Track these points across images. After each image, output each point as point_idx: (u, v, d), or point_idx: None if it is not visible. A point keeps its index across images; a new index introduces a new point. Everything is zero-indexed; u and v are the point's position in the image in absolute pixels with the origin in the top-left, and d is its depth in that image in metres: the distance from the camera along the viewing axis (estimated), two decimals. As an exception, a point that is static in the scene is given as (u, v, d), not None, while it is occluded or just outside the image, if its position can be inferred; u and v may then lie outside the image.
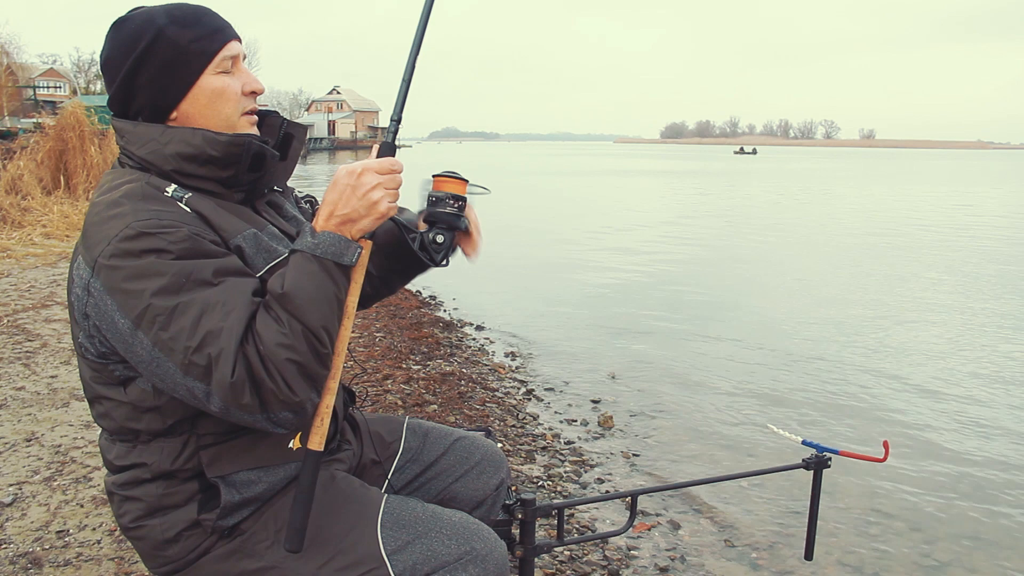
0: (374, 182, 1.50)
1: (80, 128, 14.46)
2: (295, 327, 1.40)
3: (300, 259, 1.46)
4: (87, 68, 79.91)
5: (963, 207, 26.47)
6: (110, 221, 1.44)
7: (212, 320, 1.37)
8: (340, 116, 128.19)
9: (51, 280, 8.58)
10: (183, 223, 1.44)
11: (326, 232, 1.48)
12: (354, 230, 1.50)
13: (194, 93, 1.56)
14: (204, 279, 1.40)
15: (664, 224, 19.81)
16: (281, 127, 1.74)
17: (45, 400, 4.83)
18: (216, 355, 1.36)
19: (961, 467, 4.94)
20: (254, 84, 1.63)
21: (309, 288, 1.43)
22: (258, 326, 1.40)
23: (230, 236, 1.53)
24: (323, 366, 1.46)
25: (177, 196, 1.51)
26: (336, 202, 1.50)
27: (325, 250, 1.46)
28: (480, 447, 2.01)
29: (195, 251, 1.42)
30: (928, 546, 3.98)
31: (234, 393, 1.36)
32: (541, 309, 9.36)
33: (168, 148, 1.53)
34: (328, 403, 1.49)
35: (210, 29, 1.57)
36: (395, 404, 5.23)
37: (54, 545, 3.20)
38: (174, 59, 1.53)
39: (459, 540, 1.62)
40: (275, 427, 1.43)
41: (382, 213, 1.52)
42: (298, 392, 1.40)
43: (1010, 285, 11.37)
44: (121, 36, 1.56)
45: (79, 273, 1.48)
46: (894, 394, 6.33)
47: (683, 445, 5.20)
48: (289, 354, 1.38)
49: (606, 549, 3.66)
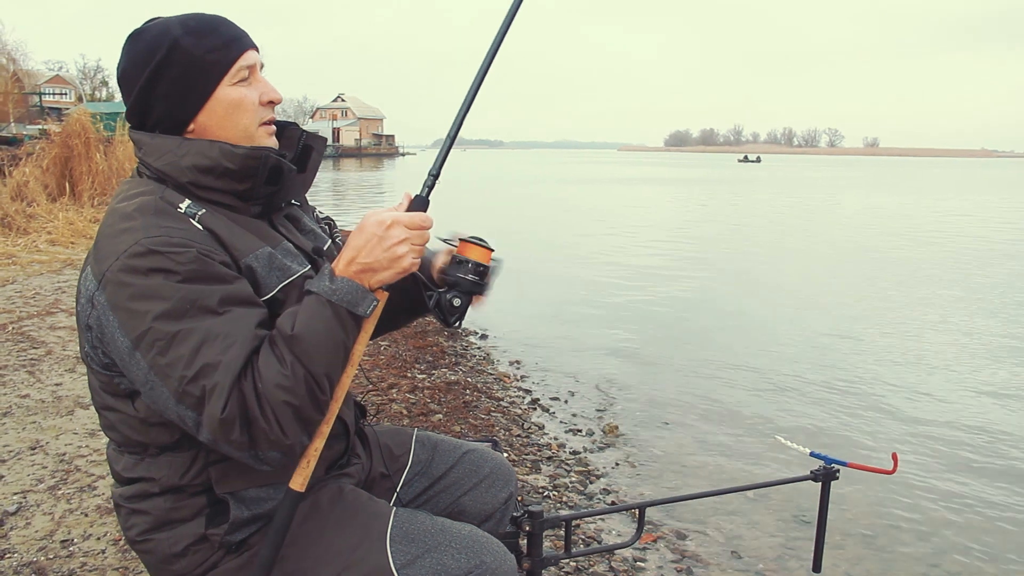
0: (402, 236, 1.49)
1: (86, 135, 14.48)
2: (298, 371, 1.38)
3: (314, 302, 1.44)
4: (93, 75, 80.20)
5: (969, 216, 26.42)
6: (121, 235, 1.43)
7: (211, 352, 1.36)
8: (344, 124, 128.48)
9: (56, 287, 8.58)
10: (193, 242, 1.43)
11: (344, 279, 1.46)
12: (373, 280, 1.48)
13: (211, 105, 1.55)
14: (208, 307, 1.39)
15: (670, 233, 19.80)
16: (300, 139, 1.72)
17: (50, 408, 4.82)
18: (211, 388, 1.35)
19: (970, 479, 4.92)
20: (272, 94, 1.62)
21: (319, 333, 1.42)
22: (260, 363, 1.38)
23: (242, 255, 1.51)
24: (319, 412, 1.45)
25: (190, 213, 1.49)
26: (360, 249, 1.47)
27: (341, 297, 1.45)
28: (489, 460, 2.00)
29: (202, 274, 1.40)
30: (937, 557, 3.96)
31: (223, 429, 1.35)
32: (546, 318, 9.34)
33: (185, 160, 1.52)
34: (317, 446, 1.48)
35: (226, 39, 1.56)
36: (400, 413, 5.22)
37: (58, 555, 3.19)
38: (190, 71, 1.52)
39: (469, 554, 1.61)
40: (260, 464, 1.41)
41: (404, 269, 1.50)
42: (290, 435, 1.39)
43: (1020, 295, 11.33)
44: (137, 48, 1.54)
45: (86, 284, 1.47)
46: (903, 405, 6.30)
47: (689, 456, 5.18)
48: (287, 397, 1.37)
49: (612, 561, 3.64)
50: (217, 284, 1.42)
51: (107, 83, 79.94)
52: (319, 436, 1.48)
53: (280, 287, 1.55)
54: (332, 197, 30.53)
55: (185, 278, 1.38)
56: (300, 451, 1.45)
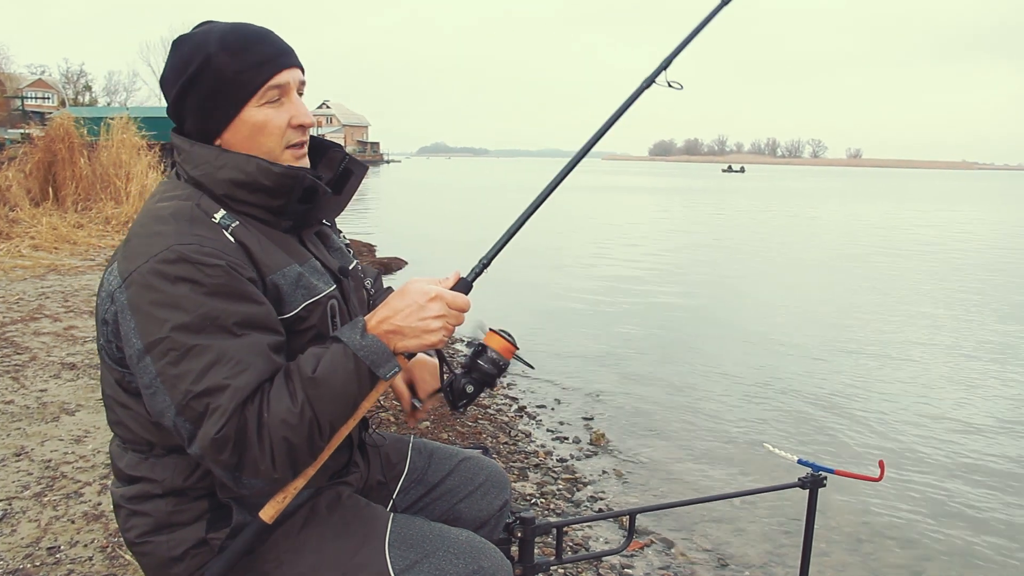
0: (440, 312, 1.52)
1: (69, 139, 14.38)
2: (306, 413, 1.40)
3: (341, 353, 1.45)
4: (76, 79, 79.72)
5: (954, 227, 26.64)
6: (154, 238, 1.43)
7: (222, 372, 1.37)
8: (329, 130, 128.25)
9: (39, 293, 8.51)
10: (224, 254, 1.43)
11: (375, 338, 1.48)
12: (399, 344, 1.51)
13: (236, 125, 1.55)
14: (227, 327, 1.39)
15: (655, 242, 19.88)
16: (342, 162, 1.74)
17: (35, 414, 4.78)
18: (214, 408, 1.35)
19: (956, 486, 4.96)
20: (303, 118, 1.60)
21: (337, 384, 1.43)
22: (272, 394, 1.39)
23: (269, 272, 1.52)
24: (313, 455, 1.46)
25: (224, 224, 1.50)
26: (398, 311, 1.50)
27: (367, 355, 1.46)
28: (484, 468, 2.01)
29: (228, 289, 1.41)
30: (923, 564, 3.99)
31: (214, 448, 1.36)
32: (532, 326, 9.35)
33: (221, 173, 1.53)
34: (298, 485, 1.49)
35: (261, 58, 1.54)
36: (387, 420, 5.22)
37: (45, 562, 3.16)
38: (218, 90, 1.52)
39: (467, 559, 1.62)
40: (240, 488, 1.42)
41: (432, 343, 1.52)
42: (279, 469, 1.41)
43: (1005, 305, 11.44)
44: (175, 57, 1.56)
45: (110, 279, 1.48)
46: (890, 413, 6.34)
47: (676, 463, 5.20)
48: (288, 433, 1.38)
49: (600, 567, 3.64)
50: (240, 303, 1.42)
51: (90, 88, 79.56)
52: (303, 476, 1.49)
53: (304, 305, 1.56)
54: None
55: (211, 291, 1.39)
56: (282, 486, 1.47)
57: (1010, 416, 6.36)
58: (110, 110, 29.94)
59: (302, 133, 1.62)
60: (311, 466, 1.49)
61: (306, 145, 1.65)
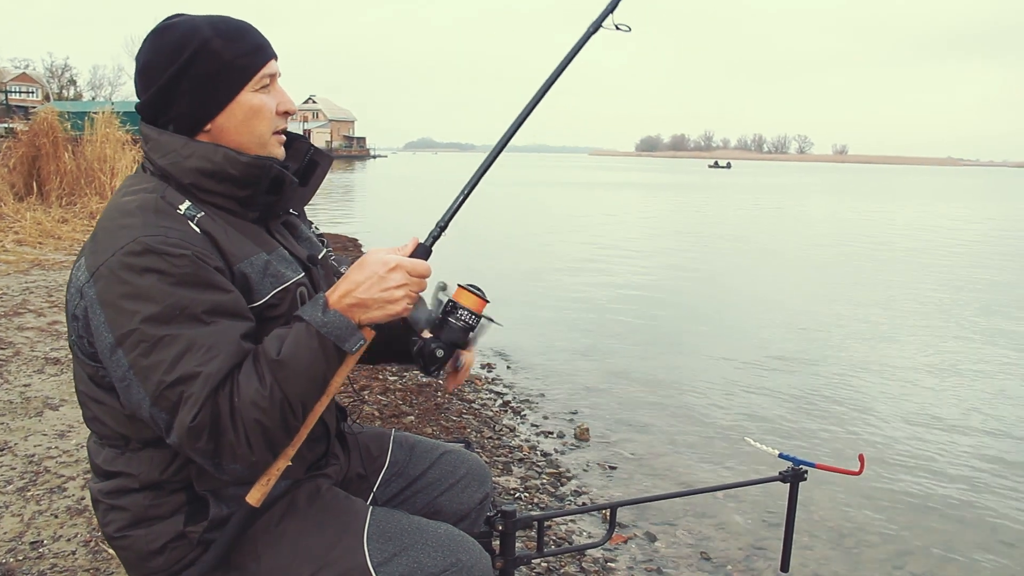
0: (401, 281, 1.51)
1: (53, 134, 14.28)
2: (275, 394, 1.40)
3: (304, 331, 1.46)
4: (60, 73, 79.20)
5: (938, 222, 26.79)
6: (120, 231, 1.44)
7: (193, 360, 1.37)
8: (316, 125, 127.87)
9: (23, 288, 8.47)
10: (190, 243, 1.44)
11: (336, 312, 1.48)
12: (364, 317, 1.50)
13: (232, 108, 1.56)
14: (196, 315, 1.40)
15: (641, 238, 19.92)
16: (307, 153, 1.74)
17: (18, 409, 4.76)
18: (187, 396, 1.36)
19: (935, 480, 5.01)
20: (288, 104, 1.64)
21: (303, 362, 1.43)
22: (241, 378, 1.40)
23: (236, 260, 1.52)
24: (288, 436, 1.47)
25: (189, 215, 1.50)
26: (358, 284, 1.49)
27: (330, 331, 1.46)
28: (465, 461, 2.02)
29: (195, 279, 1.41)
30: (903, 558, 4.03)
31: (190, 436, 1.37)
32: (518, 321, 9.36)
33: (188, 162, 1.54)
34: (280, 466, 1.50)
35: (253, 46, 1.58)
36: (372, 415, 5.22)
37: (28, 556, 3.16)
38: (217, 72, 1.53)
39: (445, 552, 1.63)
40: (221, 474, 1.43)
41: (396, 312, 1.52)
42: (256, 452, 1.41)
43: (987, 301, 11.53)
44: (164, 42, 1.54)
45: (78, 274, 1.48)
46: (870, 408, 6.39)
47: (660, 458, 5.23)
48: (260, 416, 1.39)
49: (583, 561, 3.67)
50: (208, 291, 1.43)
51: (75, 82, 79.03)
52: (283, 457, 1.50)
53: (273, 293, 1.57)
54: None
55: (178, 281, 1.39)
56: (263, 468, 1.48)
57: (991, 412, 6.42)
58: (94, 104, 29.71)
59: (286, 120, 1.65)
60: (291, 446, 1.49)
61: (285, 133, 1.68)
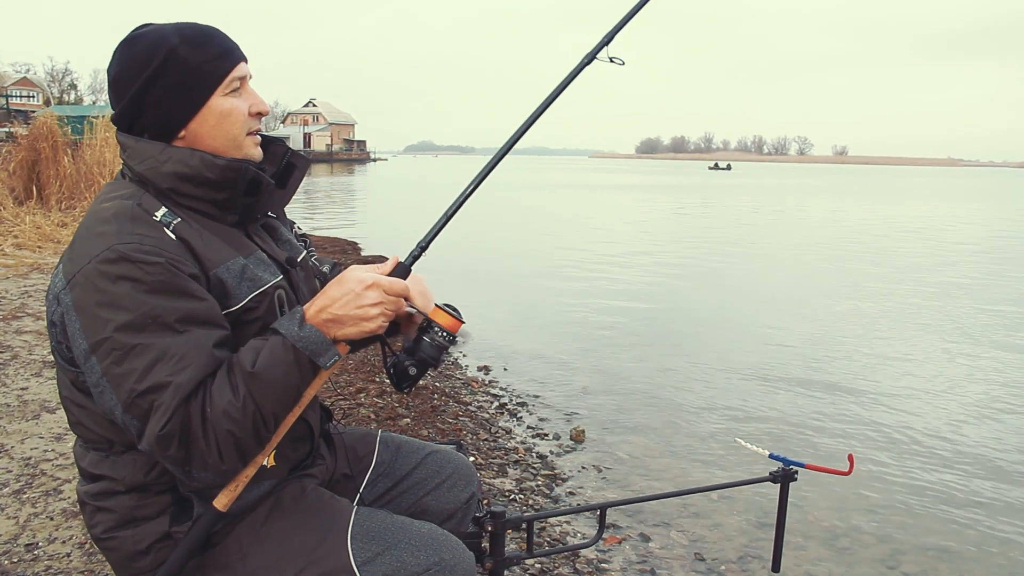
0: (377, 299, 1.53)
1: (53, 138, 14.31)
2: (248, 406, 1.42)
3: (279, 345, 1.48)
4: (61, 78, 79.32)
5: (934, 222, 26.79)
6: (95, 239, 1.46)
7: (164, 370, 1.39)
8: (316, 129, 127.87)
9: (22, 291, 8.49)
10: (164, 251, 1.46)
11: (313, 327, 1.50)
12: (339, 332, 1.53)
13: (203, 113, 1.58)
14: (169, 324, 1.42)
15: (638, 240, 19.93)
16: (284, 156, 1.77)
17: (15, 412, 4.79)
18: (157, 405, 1.38)
19: (925, 479, 5.02)
20: (260, 106, 1.66)
21: (277, 376, 1.45)
22: (214, 388, 1.42)
23: (212, 266, 1.54)
24: (259, 446, 1.49)
25: (165, 221, 1.52)
26: (335, 300, 1.52)
27: (306, 345, 1.48)
28: (451, 461, 2.04)
29: (169, 286, 1.43)
30: (894, 558, 4.04)
31: (160, 444, 1.39)
32: (514, 324, 9.39)
33: (166, 167, 1.56)
34: (249, 473, 1.52)
35: (220, 50, 1.60)
36: (368, 418, 5.24)
37: (23, 558, 3.18)
38: (186, 79, 1.56)
39: (428, 551, 1.65)
40: (191, 481, 1.46)
41: (371, 331, 1.54)
42: (227, 462, 1.44)
43: (980, 302, 11.54)
44: (132, 53, 1.57)
45: (55, 281, 1.52)
46: (860, 409, 6.41)
47: (654, 459, 5.25)
48: (231, 426, 1.41)
49: (576, 562, 3.68)
50: (181, 299, 1.45)
51: (75, 86, 79.15)
52: (252, 464, 1.52)
53: (250, 297, 1.59)
54: (303, 202, 30.39)
55: (151, 289, 1.42)
56: (232, 476, 1.50)
57: (983, 413, 6.43)
58: (94, 108, 29.80)
59: (259, 121, 1.68)
60: (261, 454, 1.51)
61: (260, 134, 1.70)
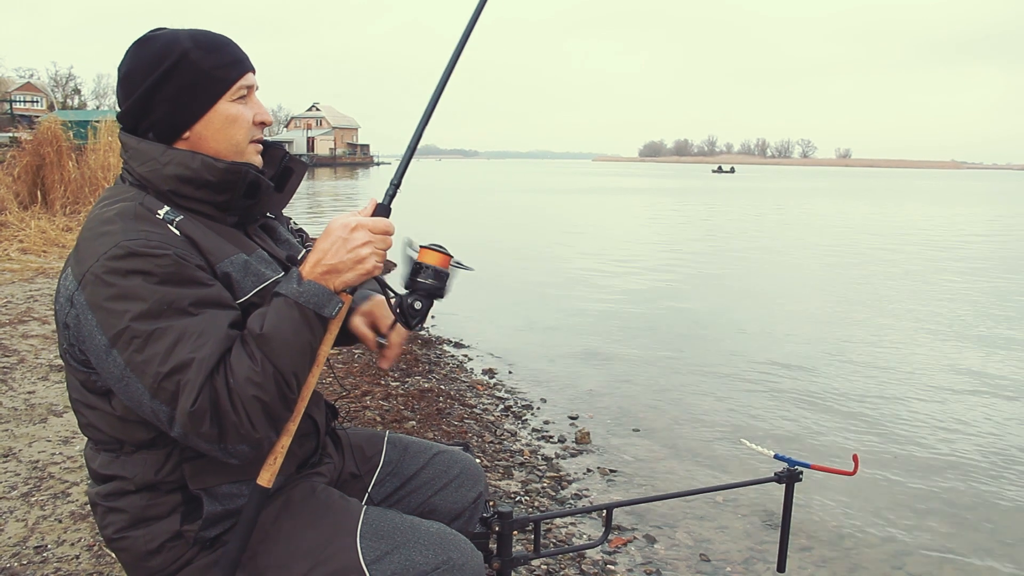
0: (365, 239, 1.56)
1: (57, 143, 14.38)
2: (267, 368, 1.44)
3: (282, 304, 1.51)
4: (64, 83, 79.51)
5: (938, 225, 26.76)
6: (101, 238, 1.48)
7: (185, 349, 1.41)
8: (319, 133, 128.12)
9: (28, 296, 8.52)
10: (171, 245, 1.48)
11: (311, 282, 1.53)
12: (337, 281, 1.55)
13: (210, 116, 1.62)
14: (183, 308, 1.44)
15: (643, 243, 19.94)
16: (282, 160, 1.80)
17: (23, 416, 4.81)
18: (184, 383, 1.40)
19: (931, 480, 5.02)
20: (264, 116, 1.71)
21: (287, 333, 1.48)
22: (232, 359, 1.44)
23: (217, 260, 1.57)
24: (287, 409, 1.51)
25: (168, 219, 1.55)
26: (326, 251, 1.54)
27: (308, 299, 1.51)
28: (459, 461, 2.05)
29: (179, 277, 1.46)
30: (899, 559, 4.04)
31: (193, 421, 1.40)
32: (520, 327, 9.40)
33: (167, 169, 1.59)
34: (284, 443, 1.54)
35: (231, 59, 1.65)
36: (374, 420, 5.25)
37: (32, 561, 3.19)
38: (196, 82, 1.60)
39: (437, 550, 1.66)
40: (229, 457, 1.47)
41: (367, 271, 1.57)
42: (259, 429, 1.45)
43: (986, 304, 11.53)
44: (145, 53, 1.61)
45: (65, 284, 1.53)
46: (865, 409, 6.41)
47: (659, 461, 5.25)
48: (257, 392, 1.43)
49: (583, 564, 3.69)
50: (192, 287, 1.47)
51: (79, 91, 79.33)
52: (286, 433, 1.54)
53: (256, 290, 1.61)
54: (306, 205, 30.44)
55: (162, 280, 1.44)
56: (268, 446, 1.51)
57: (988, 412, 6.42)
58: (98, 113, 29.88)
59: (261, 130, 1.72)
60: (291, 421, 1.53)
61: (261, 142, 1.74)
